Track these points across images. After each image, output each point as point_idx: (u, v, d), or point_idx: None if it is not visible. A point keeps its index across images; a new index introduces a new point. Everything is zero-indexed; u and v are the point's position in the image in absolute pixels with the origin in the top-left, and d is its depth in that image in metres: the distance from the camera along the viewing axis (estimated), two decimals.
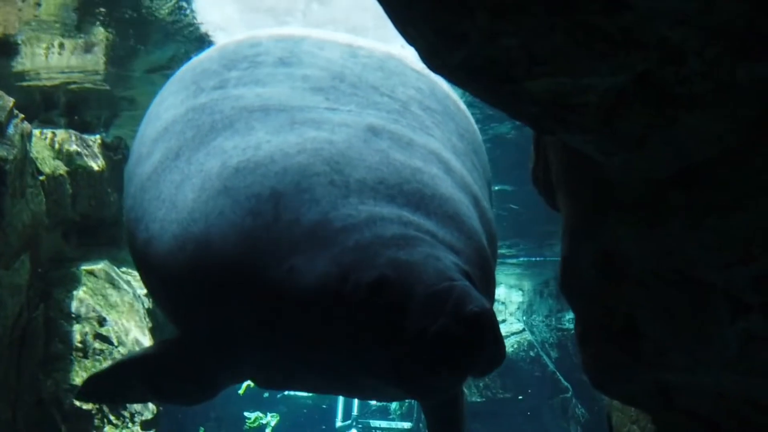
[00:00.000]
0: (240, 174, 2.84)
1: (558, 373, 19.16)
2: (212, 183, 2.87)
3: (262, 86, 3.19)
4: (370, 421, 16.18)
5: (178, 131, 3.17)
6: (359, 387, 3.06)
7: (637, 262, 2.56)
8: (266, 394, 16.06)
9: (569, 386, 19.09)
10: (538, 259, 16.86)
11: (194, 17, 7.05)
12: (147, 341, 6.98)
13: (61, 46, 7.34)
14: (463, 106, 3.86)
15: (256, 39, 3.56)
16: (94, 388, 3.49)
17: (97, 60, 7.75)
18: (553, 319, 20.53)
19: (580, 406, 19.09)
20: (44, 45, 7.32)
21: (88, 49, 7.50)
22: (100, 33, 7.22)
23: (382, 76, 3.37)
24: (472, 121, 3.90)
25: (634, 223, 2.54)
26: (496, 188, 12.58)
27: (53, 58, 7.58)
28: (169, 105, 3.40)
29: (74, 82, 8.13)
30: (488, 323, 2.49)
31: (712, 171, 2.39)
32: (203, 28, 7.21)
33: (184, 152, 3.07)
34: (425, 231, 2.78)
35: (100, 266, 7.49)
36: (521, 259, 17.86)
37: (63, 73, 7.95)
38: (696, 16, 2.10)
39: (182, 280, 2.92)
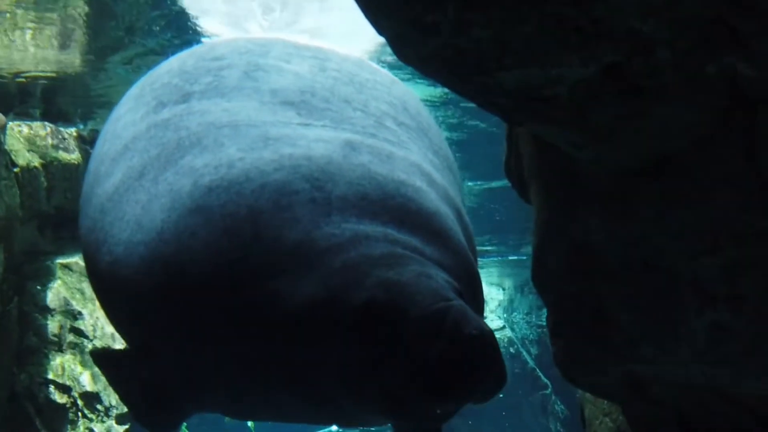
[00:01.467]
0: (213, 193, 2.72)
1: (538, 370, 19.28)
2: (183, 202, 2.73)
3: (229, 101, 3.05)
4: None
5: (140, 149, 3.02)
6: (342, 415, 2.88)
7: (606, 253, 2.58)
8: None
9: (549, 383, 19.20)
10: (521, 257, 16.93)
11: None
12: None
13: (37, 35, 7.29)
14: (434, 122, 3.79)
15: (218, 51, 3.39)
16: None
17: (73, 50, 7.70)
18: (534, 315, 20.64)
19: (559, 403, 19.21)
20: (19, 35, 7.26)
21: (64, 38, 7.45)
22: (77, 21, 7.17)
23: (354, 91, 3.25)
24: (444, 137, 3.80)
25: (604, 215, 2.56)
26: (480, 185, 12.62)
27: (30, 49, 7.52)
28: (127, 122, 3.24)
29: (51, 72, 8.07)
30: (489, 345, 2.38)
31: (682, 162, 2.41)
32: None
33: (149, 171, 2.93)
34: (413, 248, 2.68)
35: (75, 260, 7.44)
36: (502, 258, 17.94)
37: (39, 63, 7.89)
38: (665, 8, 2.12)
39: (150, 306, 2.79)
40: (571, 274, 2.68)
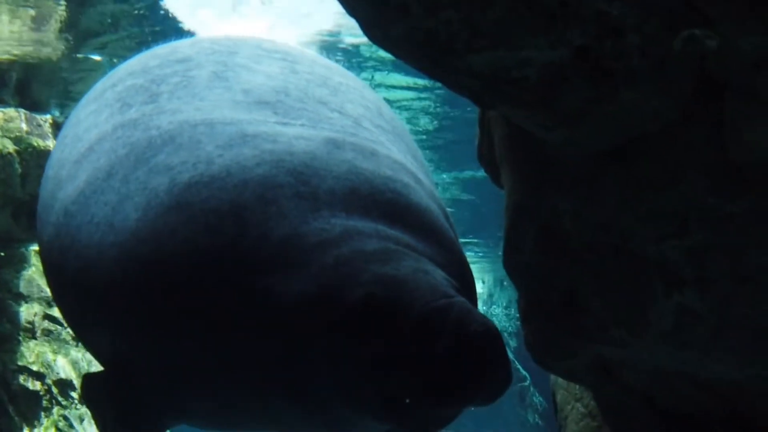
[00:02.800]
0: (193, 189, 2.59)
1: (516, 362, 19.34)
2: (160, 200, 2.62)
3: (201, 100, 2.93)
4: None
5: (107, 149, 2.89)
6: (337, 423, 2.71)
7: (576, 236, 2.59)
8: None
9: (527, 375, 19.28)
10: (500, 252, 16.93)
11: None
12: None
13: (12, 18, 7.22)
14: (407, 128, 3.72)
15: (183, 52, 3.27)
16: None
17: (49, 36, 7.64)
18: (513, 309, 20.72)
19: (537, 395, 19.30)
20: None
21: (40, 24, 7.38)
22: (53, 8, 7.11)
23: (328, 93, 3.14)
24: (415, 143, 3.69)
25: (574, 198, 2.57)
26: (465, 175, 12.65)
27: (3, 32, 7.45)
28: (89, 125, 3.09)
29: (26, 56, 8.00)
30: (495, 342, 2.27)
31: (651, 146, 2.42)
32: None
33: (118, 171, 2.79)
34: (405, 244, 2.57)
35: None
36: (483, 251, 17.99)
37: (14, 47, 7.82)
38: None
39: (127, 310, 2.66)
40: (541, 257, 2.69)
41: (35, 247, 7.32)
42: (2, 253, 7.26)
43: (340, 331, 2.38)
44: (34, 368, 6.57)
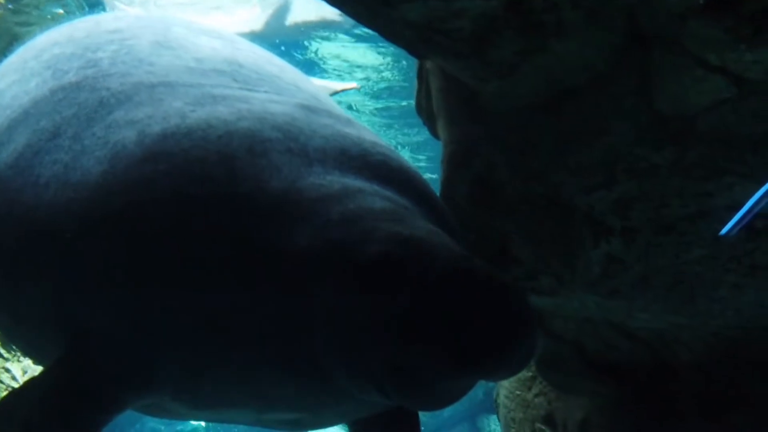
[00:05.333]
0: (171, 139, 2.38)
1: None
2: (130, 152, 2.40)
3: (150, 65, 2.72)
4: None
5: (48, 111, 2.69)
6: (325, 400, 2.45)
7: (508, 187, 2.63)
8: None
9: None
10: None
11: None
12: None
13: None
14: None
15: (112, 25, 3.02)
16: None
17: None
18: None
19: None
20: None
21: None
22: None
23: (278, 70, 2.95)
24: None
25: (506, 149, 2.61)
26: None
27: None
28: (15, 94, 2.86)
29: None
30: (527, 308, 2.09)
31: (580, 98, 2.47)
32: None
33: (66, 130, 2.60)
34: (404, 207, 2.39)
35: None
36: None
37: None
38: None
39: (91, 275, 2.41)
40: (474, 208, 2.74)
41: None
42: None
43: (350, 290, 2.17)
44: None
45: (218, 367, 2.36)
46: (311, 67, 9.70)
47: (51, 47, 2.97)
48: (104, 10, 8.17)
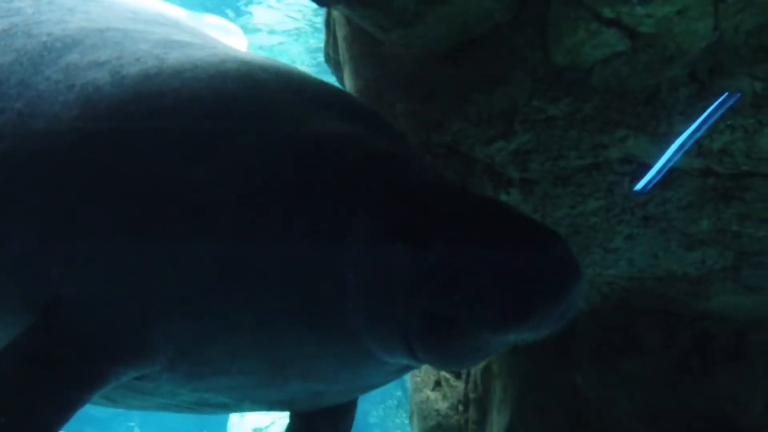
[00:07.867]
0: (156, 79, 2.17)
1: None
2: (106, 94, 2.18)
3: (86, 13, 2.49)
4: None
5: None
6: (346, 362, 2.17)
7: (410, 136, 2.65)
8: None
9: None
10: None
11: None
12: None
13: None
14: None
15: None
16: None
17: None
18: None
19: None
20: None
21: None
22: None
23: (204, 36, 2.71)
24: None
25: (409, 98, 2.62)
26: None
27: None
28: None
29: None
30: (574, 260, 1.93)
31: (481, 48, 2.49)
32: None
33: (8, 77, 2.36)
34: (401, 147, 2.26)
35: None
36: None
37: None
38: None
39: (73, 229, 2.13)
40: None
41: None
42: None
43: (386, 236, 1.97)
44: None
45: (230, 323, 2.08)
46: None
47: None
48: None
